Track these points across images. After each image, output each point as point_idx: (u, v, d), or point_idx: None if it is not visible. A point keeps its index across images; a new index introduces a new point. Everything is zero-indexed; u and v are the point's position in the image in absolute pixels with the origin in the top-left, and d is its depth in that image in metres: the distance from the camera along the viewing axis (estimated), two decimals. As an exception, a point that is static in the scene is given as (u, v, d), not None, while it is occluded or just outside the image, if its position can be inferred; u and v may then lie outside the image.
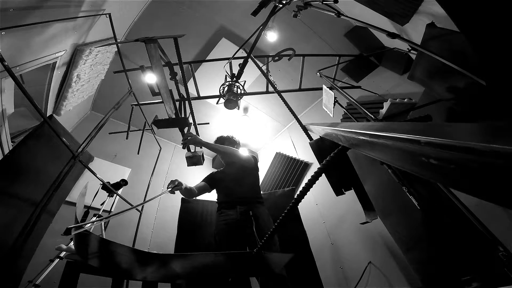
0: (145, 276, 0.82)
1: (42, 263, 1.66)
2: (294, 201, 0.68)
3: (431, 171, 0.27)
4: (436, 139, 0.25)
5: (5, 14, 1.39)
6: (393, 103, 2.30)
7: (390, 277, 2.02)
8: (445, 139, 0.24)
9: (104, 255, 0.84)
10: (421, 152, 0.27)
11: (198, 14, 2.93)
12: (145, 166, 3.47)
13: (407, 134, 0.30)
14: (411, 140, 0.29)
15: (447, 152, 0.24)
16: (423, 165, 0.28)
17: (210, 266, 0.86)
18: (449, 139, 0.24)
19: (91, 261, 0.87)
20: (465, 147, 0.22)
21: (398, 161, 0.35)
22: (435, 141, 0.25)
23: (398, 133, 0.32)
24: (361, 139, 0.43)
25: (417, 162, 0.29)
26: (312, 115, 3.92)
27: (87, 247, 0.84)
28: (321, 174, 0.63)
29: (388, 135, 0.34)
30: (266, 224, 1.58)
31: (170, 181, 1.51)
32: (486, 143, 0.20)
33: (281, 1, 1.72)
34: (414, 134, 0.29)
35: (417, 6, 1.81)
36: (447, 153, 0.24)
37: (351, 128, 0.49)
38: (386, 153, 0.37)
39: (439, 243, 1.36)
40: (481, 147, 0.21)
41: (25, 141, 1.56)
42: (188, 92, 1.94)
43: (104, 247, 0.81)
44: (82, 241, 0.80)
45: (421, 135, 0.28)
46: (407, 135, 0.30)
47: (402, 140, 0.31)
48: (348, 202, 2.59)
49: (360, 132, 0.43)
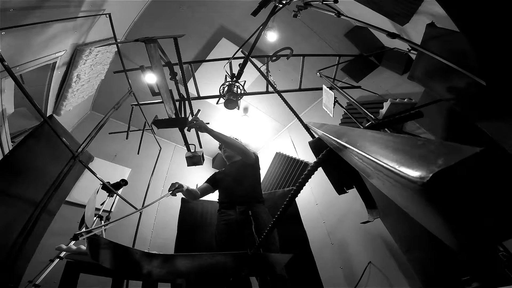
0: (150, 271, 0.84)
1: (42, 263, 1.67)
2: (291, 196, 0.68)
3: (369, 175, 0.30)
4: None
5: (5, 14, 1.39)
6: (393, 103, 2.30)
7: (390, 277, 2.02)
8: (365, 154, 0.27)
9: (116, 258, 0.86)
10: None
11: (198, 14, 2.93)
12: (145, 166, 3.47)
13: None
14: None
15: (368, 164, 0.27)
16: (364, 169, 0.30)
17: (210, 266, 0.86)
18: (366, 154, 0.26)
19: (104, 263, 0.89)
20: (379, 164, 0.24)
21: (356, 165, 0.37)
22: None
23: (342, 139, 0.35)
24: (333, 143, 0.44)
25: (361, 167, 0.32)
26: (312, 115, 3.92)
27: (100, 250, 0.86)
28: (313, 172, 0.63)
29: (342, 143, 0.36)
30: (266, 223, 1.58)
31: (171, 184, 1.51)
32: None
33: (281, 1, 1.72)
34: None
35: (417, 6, 1.80)
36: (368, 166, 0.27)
37: (326, 132, 0.50)
38: (348, 158, 0.38)
39: (439, 243, 1.36)
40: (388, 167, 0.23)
41: (25, 141, 1.56)
42: (188, 92, 1.94)
43: (117, 251, 0.83)
44: (95, 245, 0.83)
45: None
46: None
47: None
48: (348, 202, 2.59)
49: (329, 136, 0.45)
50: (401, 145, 0.24)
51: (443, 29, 1.41)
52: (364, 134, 0.35)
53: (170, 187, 1.48)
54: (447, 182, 0.17)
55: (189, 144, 2.09)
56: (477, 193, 0.18)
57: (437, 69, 1.51)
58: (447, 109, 1.67)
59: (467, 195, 0.18)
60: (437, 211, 0.18)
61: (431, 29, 1.49)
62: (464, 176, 0.17)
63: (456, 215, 0.18)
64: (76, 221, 2.25)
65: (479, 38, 1.03)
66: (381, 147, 0.26)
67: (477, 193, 0.18)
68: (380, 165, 0.23)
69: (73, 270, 1.32)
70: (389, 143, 0.26)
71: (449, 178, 0.17)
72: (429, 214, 0.20)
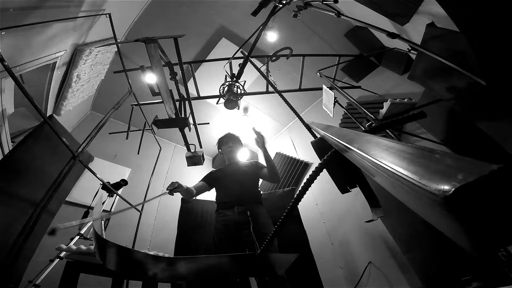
0: (154, 273, 0.84)
1: (42, 263, 1.67)
2: (294, 200, 0.68)
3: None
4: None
5: (5, 14, 1.39)
6: (393, 103, 2.30)
7: (390, 277, 2.02)
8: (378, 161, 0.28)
9: (121, 260, 0.87)
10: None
11: (198, 14, 2.93)
12: (145, 166, 3.47)
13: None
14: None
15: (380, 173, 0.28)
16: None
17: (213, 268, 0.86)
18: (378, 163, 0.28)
19: (111, 265, 0.90)
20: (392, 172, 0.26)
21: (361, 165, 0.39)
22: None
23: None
24: (340, 147, 0.45)
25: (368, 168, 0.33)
26: (312, 115, 3.92)
27: (107, 253, 0.87)
28: (321, 170, 0.63)
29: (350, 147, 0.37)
30: (264, 224, 1.59)
31: (171, 182, 1.50)
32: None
33: (281, 1, 1.72)
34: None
35: (417, 6, 1.81)
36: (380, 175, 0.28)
37: (334, 136, 0.51)
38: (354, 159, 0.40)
39: (439, 243, 1.36)
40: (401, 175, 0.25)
41: (25, 141, 1.56)
42: (188, 92, 1.94)
43: (123, 254, 0.84)
44: (102, 246, 0.84)
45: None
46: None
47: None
48: (348, 202, 2.59)
49: (338, 140, 0.46)
50: (416, 157, 0.27)
51: (443, 29, 1.41)
52: (376, 141, 0.36)
53: (169, 185, 1.47)
54: (466, 195, 0.19)
55: (189, 144, 2.09)
56: (493, 204, 0.20)
57: (437, 69, 1.51)
58: (447, 109, 1.67)
59: (484, 206, 0.20)
60: (456, 221, 0.21)
61: (431, 29, 1.49)
62: (482, 190, 0.19)
63: (473, 225, 0.20)
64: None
65: (479, 38, 1.03)
66: (397, 157, 0.29)
67: (493, 204, 0.20)
68: (400, 176, 0.25)
69: (73, 270, 1.32)
70: (403, 153, 0.29)
71: (468, 192, 0.19)
72: (446, 221, 0.22)
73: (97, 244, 0.84)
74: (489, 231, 0.21)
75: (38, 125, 1.70)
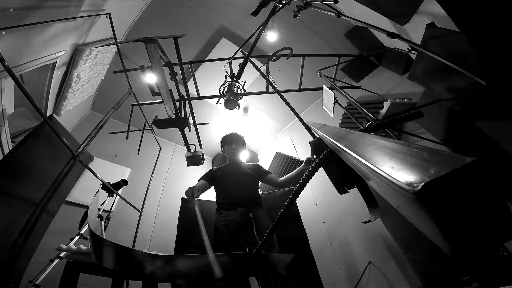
0: (152, 272, 0.84)
1: (42, 263, 1.66)
2: (291, 196, 0.68)
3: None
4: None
5: (5, 14, 1.39)
6: (393, 103, 2.30)
7: (390, 277, 2.02)
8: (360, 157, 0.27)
9: (118, 259, 0.87)
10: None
11: (198, 14, 2.93)
12: (145, 166, 3.46)
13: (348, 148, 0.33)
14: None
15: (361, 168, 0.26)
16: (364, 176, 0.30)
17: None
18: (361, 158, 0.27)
19: (107, 264, 0.89)
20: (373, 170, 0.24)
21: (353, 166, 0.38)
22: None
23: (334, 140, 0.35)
24: (333, 145, 0.44)
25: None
26: (312, 115, 3.92)
27: (104, 252, 0.87)
28: (314, 173, 0.63)
29: (338, 144, 0.37)
30: (267, 225, 1.60)
31: (189, 189, 1.56)
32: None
33: (281, 1, 1.72)
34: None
35: (417, 6, 1.80)
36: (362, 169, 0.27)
37: (326, 134, 0.51)
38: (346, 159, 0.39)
39: (439, 243, 1.36)
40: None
41: (25, 141, 1.56)
42: (188, 92, 1.94)
43: (120, 253, 0.84)
44: (98, 245, 0.84)
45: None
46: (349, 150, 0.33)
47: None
48: (348, 202, 2.59)
49: (329, 138, 0.45)
50: (396, 151, 0.25)
51: (443, 29, 1.41)
52: (363, 139, 0.35)
53: (189, 192, 1.53)
54: (438, 190, 0.17)
55: (189, 144, 2.09)
56: (469, 199, 0.18)
57: (437, 69, 1.51)
58: (447, 109, 1.67)
59: (459, 202, 0.18)
60: (429, 218, 0.19)
61: (431, 29, 1.49)
62: (456, 183, 0.18)
63: (447, 222, 0.19)
64: (76, 221, 2.25)
65: (479, 38, 1.03)
66: (378, 153, 0.27)
67: (469, 200, 0.18)
68: (375, 171, 0.24)
69: (73, 270, 1.32)
70: (385, 149, 0.27)
71: (440, 187, 0.17)
72: (422, 219, 0.20)
73: (93, 242, 0.84)
74: (468, 228, 0.19)
75: (38, 125, 1.70)
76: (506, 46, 0.97)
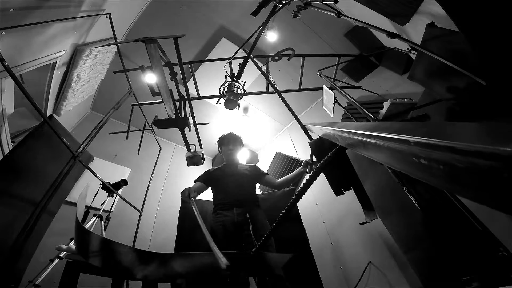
0: (146, 275, 0.83)
1: (42, 263, 1.67)
2: (292, 201, 0.68)
3: (423, 172, 0.26)
4: (424, 138, 0.24)
5: (5, 14, 1.39)
6: (393, 103, 2.30)
7: (390, 277, 2.02)
8: (432, 139, 0.23)
9: (106, 254, 0.85)
10: (410, 152, 0.26)
11: (198, 14, 2.93)
12: (145, 166, 3.47)
13: (396, 134, 0.29)
14: (400, 140, 0.28)
15: (436, 152, 0.23)
16: (414, 165, 0.27)
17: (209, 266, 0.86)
18: (437, 139, 0.23)
19: (93, 260, 0.88)
20: (449, 146, 0.21)
21: (390, 160, 0.34)
22: (423, 140, 0.24)
23: (389, 132, 0.31)
24: (356, 139, 0.42)
25: (409, 162, 0.28)
26: (312, 115, 3.92)
27: (88, 246, 0.85)
28: (319, 174, 0.63)
29: (379, 135, 0.33)
30: (264, 226, 1.61)
31: (185, 190, 1.52)
32: (476, 143, 0.19)
33: (281, 1, 1.71)
34: (403, 134, 0.28)
35: (417, 6, 1.80)
36: (436, 153, 0.23)
37: (346, 128, 0.49)
38: (379, 153, 0.36)
39: (439, 243, 1.36)
40: (464, 147, 0.20)
41: (25, 141, 1.56)
42: (188, 92, 1.94)
43: (106, 247, 0.82)
44: (83, 240, 0.82)
45: (410, 135, 0.27)
46: (396, 135, 0.29)
47: (392, 140, 0.30)
48: (348, 202, 2.58)
49: (355, 132, 0.43)
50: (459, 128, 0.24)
51: (443, 29, 1.41)
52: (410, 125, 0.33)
53: (185, 193, 1.50)
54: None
55: (189, 144, 2.09)
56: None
57: (437, 69, 1.51)
58: (447, 109, 1.67)
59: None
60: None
61: (431, 29, 1.49)
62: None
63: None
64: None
65: (479, 38, 1.03)
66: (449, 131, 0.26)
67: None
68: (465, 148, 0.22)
69: (73, 270, 1.32)
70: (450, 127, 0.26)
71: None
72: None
73: (77, 237, 0.82)
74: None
75: (38, 125, 1.70)
76: (506, 46, 0.97)
